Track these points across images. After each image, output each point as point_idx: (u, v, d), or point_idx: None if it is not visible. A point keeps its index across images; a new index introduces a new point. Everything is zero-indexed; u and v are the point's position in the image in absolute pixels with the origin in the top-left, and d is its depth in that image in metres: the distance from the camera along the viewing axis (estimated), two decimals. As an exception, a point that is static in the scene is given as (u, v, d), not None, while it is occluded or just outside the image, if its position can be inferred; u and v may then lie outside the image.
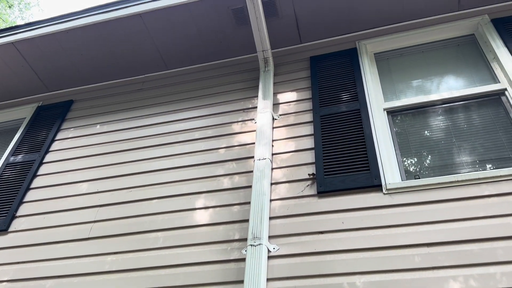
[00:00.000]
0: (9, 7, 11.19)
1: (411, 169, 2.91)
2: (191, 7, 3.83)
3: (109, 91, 4.36)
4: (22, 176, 3.74)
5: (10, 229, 3.37)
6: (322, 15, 3.83)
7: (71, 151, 3.85)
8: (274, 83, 3.79)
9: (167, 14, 3.90)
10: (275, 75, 3.87)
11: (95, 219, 3.20)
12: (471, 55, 3.48)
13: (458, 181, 2.57)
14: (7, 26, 11.88)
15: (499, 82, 3.11)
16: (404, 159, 2.98)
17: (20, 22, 11.92)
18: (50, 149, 3.94)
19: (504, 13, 3.53)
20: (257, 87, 3.79)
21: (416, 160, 2.99)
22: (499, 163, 2.75)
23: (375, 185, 2.71)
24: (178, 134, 3.64)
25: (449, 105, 3.15)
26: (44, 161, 3.85)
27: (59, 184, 3.58)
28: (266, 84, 3.69)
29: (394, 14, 3.76)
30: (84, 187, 3.48)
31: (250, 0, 3.50)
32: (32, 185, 3.66)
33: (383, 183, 2.70)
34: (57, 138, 4.04)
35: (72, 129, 4.08)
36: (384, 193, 2.67)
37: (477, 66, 3.37)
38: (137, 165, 3.48)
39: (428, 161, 2.95)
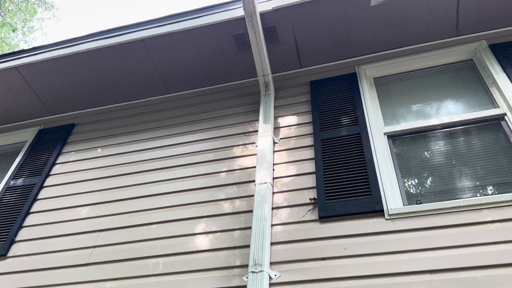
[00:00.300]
0: (13, 30, 11.35)
1: (412, 194, 2.91)
2: (193, 33, 3.89)
3: (111, 115, 4.39)
4: (22, 200, 3.72)
5: (9, 254, 3.34)
6: (322, 41, 3.88)
7: (72, 175, 3.85)
8: (275, 107, 3.81)
9: (170, 39, 3.96)
10: (275, 99, 3.90)
11: (95, 244, 3.17)
12: (470, 80, 3.52)
13: (459, 207, 2.57)
14: (10, 49, 12.05)
15: (499, 107, 3.13)
16: (405, 183, 2.98)
17: (23, 45, 12.10)
18: (51, 173, 3.94)
19: (502, 39, 3.58)
20: (258, 111, 3.81)
21: (417, 184, 2.98)
22: (500, 188, 2.75)
23: (377, 210, 2.69)
24: (179, 157, 3.64)
25: (449, 130, 3.16)
26: (45, 184, 3.84)
27: (59, 208, 3.57)
28: (266, 108, 3.71)
29: (393, 39, 3.82)
30: (84, 212, 3.46)
31: (251, 27, 3.57)
32: (32, 209, 3.64)
33: (385, 208, 2.69)
34: (58, 161, 4.05)
35: (73, 152, 4.09)
36: (386, 219, 2.65)
37: (476, 90, 3.41)
38: (138, 189, 3.48)
39: (429, 186, 2.95)
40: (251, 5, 3.47)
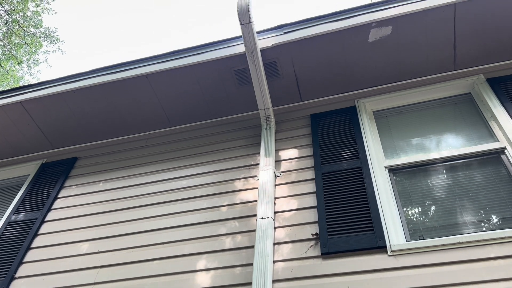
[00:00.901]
0: (18, 63, 11.57)
1: (414, 229, 2.89)
2: (196, 68, 3.96)
3: (113, 148, 4.42)
4: (23, 235, 3.71)
5: (8, 291, 3.30)
6: (321, 75, 3.95)
7: (73, 209, 3.84)
8: (276, 140, 3.84)
9: (172, 74, 4.03)
10: (276, 132, 3.93)
11: (95, 281, 3.14)
12: (469, 113, 3.56)
13: (462, 243, 2.55)
14: (15, 82, 12.25)
15: (498, 141, 3.15)
16: (407, 218, 2.97)
17: (28, 77, 12.30)
18: (53, 207, 3.94)
19: (499, 73, 3.64)
20: (259, 143, 3.84)
21: (419, 219, 2.97)
22: (502, 223, 2.74)
23: (380, 247, 2.68)
24: (181, 191, 3.65)
25: (450, 163, 3.18)
26: (46, 219, 3.84)
27: (59, 243, 3.55)
28: (267, 141, 3.74)
29: (391, 73, 3.88)
30: (85, 247, 3.44)
31: (252, 62, 3.64)
32: (33, 245, 3.62)
33: (387, 244, 2.67)
34: (59, 195, 4.05)
35: (75, 186, 4.10)
36: (389, 255, 2.63)
37: (475, 124, 3.44)
38: (139, 224, 3.47)
39: (431, 220, 2.94)
40: (252, 42, 3.55)
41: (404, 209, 3.02)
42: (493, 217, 2.80)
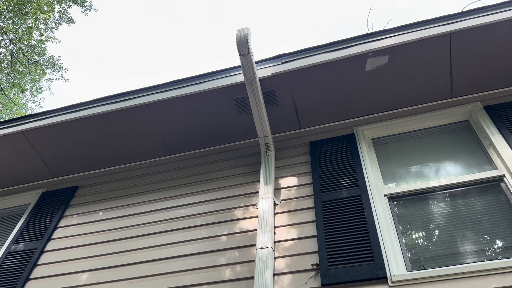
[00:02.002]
0: (22, 91, 11.74)
1: (415, 258, 2.87)
2: (196, 97, 4.02)
3: (114, 177, 4.44)
4: (22, 266, 3.69)
5: (6, 324, 3.26)
6: (320, 103, 3.99)
7: (73, 239, 3.83)
8: (275, 168, 3.86)
9: (173, 103, 4.08)
10: (276, 159, 3.95)
11: (93, 313, 3.10)
12: (467, 140, 3.57)
13: (463, 273, 2.52)
14: (19, 109, 12.37)
15: (497, 169, 3.16)
16: (408, 247, 2.95)
17: (31, 105, 12.44)
18: (52, 237, 3.93)
19: (496, 100, 3.67)
20: (258, 171, 3.85)
21: (419, 248, 2.95)
22: (504, 252, 2.72)
23: (380, 277, 2.65)
24: (180, 220, 3.64)
25: (450, 191, 3.17)
26: (46, 249, 3.82)
27: (58, 274, 3.52)
28: (267, 169, 3.75)
29: (389, 101, 3.92)
30: (83, 278, 3.41)
31: (251, 92, 3.69)
32: (32, 275, 3.59)
33: (388, 275, 2.65)
34: (59, 225, 4.04)
35: (75, 216, 4.10)
36: (389, 286, 2.60)
37: (474, 151, 3.45)
38: (138, 254, 3.45)
39: (432, 249, 2.92)
40: (251, 72, 3.61)
41: (404, 238, 3.00)
42: (494, 246, 2.78)
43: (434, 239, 2.96)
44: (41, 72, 11.92)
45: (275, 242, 3.16)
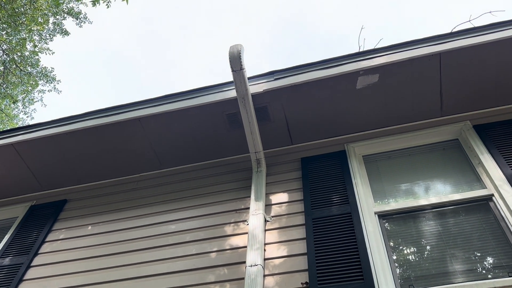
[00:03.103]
0: (13, 102, 11.68)
1: (405, 277, 2.86)
2: (188, 112, 4.02)
3: (104, 190, 4.40)
4: (8, 281, 3.62)
5: None
6: (311, 120, 4.01)
7: (60, 254, 3.78)
8: (267, 184, 3.85)
9: (165, 118, 4.08)
10: (267, 175, 3.94)
11: (79, 331, 3.04)
12: (457, 159, 3.60)
13: (453, 293, 2.52)
14: (10, 120, 12.28)
15: (486, 188, 3.18)
16: (398, 266, 2.94)
17: (23, 116, 12.36)
18: (39, 252, 3.87)
19: (485, 120, 3.71)
20: (249, 187, 3.84)
21: (409, 267, 2.95)
22: (493, 271, 2.72)
23: (369, 296, 2.64)
24: (169, 236, 3.60)
25: (440, 210, 3.18)
26: (32, 264, 3.76)
27: (44, 290, 3.46)
28: (258, 185, 3.74)
29: (380, 119, 3.95)
30: (70, 294, 3.36)
31: (243, 107, 3.70)
32: (17, 291, 3.53)
33: (377, 294, 2.63)
34: (47, 239, 3.99)
35: (63, 230, 4.05)
36: (378, 305, 2.59)
37: (463, 170, 3.47)
38: (126, 270, 3.40)
39: (421, 268, 2.91)
40: (243, 88, 3.62)
41: (394, 256, 3.00)
42: (484, 265, 2.78)
43: (424, 258, 2.96)
44: (33, 83, 11.87)
45: (265, 259, 3.14)
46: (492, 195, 3.10)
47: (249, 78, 3.83)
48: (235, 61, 3.53)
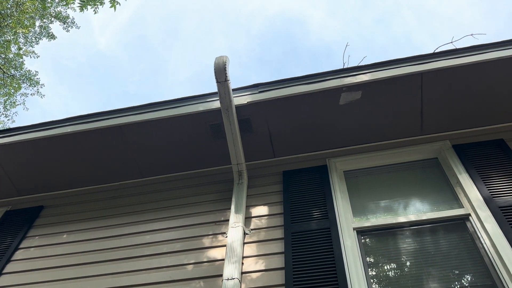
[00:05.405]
0: (-6, 105, 11.51)
1: (381, 294, 2.86)
2: (171, 121, 3.99)
3: (82, 198, 4.32)
4: (-24, 288, 3.51)
5: None
6: (294, 133, 4.03)
7: (34, 262, 3.68)
8: (247, 196, 3.83)
9: (147, 126, 4.04)
10: (248, 187, 3.93)
11: None
12: (435, 177, 3.64)
13: (427, 312, 2.53)
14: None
15: (463, 207, 3.22)
16: (375, 282, 2.94)
17: (3, 119, 12.15)
18: (12, 259, 3.77)
19: (464, 140, 3.77)
20: (230, 198, 3.82)
21: (386, 284, 2.95)
22: (468, 291, 2.74)
23: (345, 314, 2.63)
24: (145, 247, 3.55)
25: (417, 227, 3.20)
26: (4, 271, 3.65)
27: (15, 299, 3.37)
28: (239, 197, 3.72)
29: (362, 135, 3.99)
30: (41, 304, 3.27)
31: (226, 119, 3.70)
32: (-14, 299, 3.43)
33: (352, 311, 2.63)
34: (21, 246, 3.89)
35: (37, 237, 3.95)
36: (353, 322, 2.58)
37: (441, 189, 3.51)
38: (101, 280, 3.33)
39: (398, 285, 2.92)
40: (227, 99, 3.62)
41: (371, 272, 3.00)
42: (459, 283, 2.80)
43: (401, 275, 2.97)
44: (16, 86, 11.70)
45: (242, 273, 3.11)
46: (469, 214, 3.14)
47: (233, 90, 3.83)
48: (220, 72, 3.54)
